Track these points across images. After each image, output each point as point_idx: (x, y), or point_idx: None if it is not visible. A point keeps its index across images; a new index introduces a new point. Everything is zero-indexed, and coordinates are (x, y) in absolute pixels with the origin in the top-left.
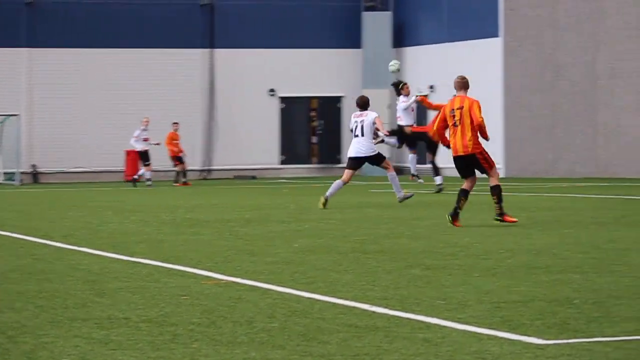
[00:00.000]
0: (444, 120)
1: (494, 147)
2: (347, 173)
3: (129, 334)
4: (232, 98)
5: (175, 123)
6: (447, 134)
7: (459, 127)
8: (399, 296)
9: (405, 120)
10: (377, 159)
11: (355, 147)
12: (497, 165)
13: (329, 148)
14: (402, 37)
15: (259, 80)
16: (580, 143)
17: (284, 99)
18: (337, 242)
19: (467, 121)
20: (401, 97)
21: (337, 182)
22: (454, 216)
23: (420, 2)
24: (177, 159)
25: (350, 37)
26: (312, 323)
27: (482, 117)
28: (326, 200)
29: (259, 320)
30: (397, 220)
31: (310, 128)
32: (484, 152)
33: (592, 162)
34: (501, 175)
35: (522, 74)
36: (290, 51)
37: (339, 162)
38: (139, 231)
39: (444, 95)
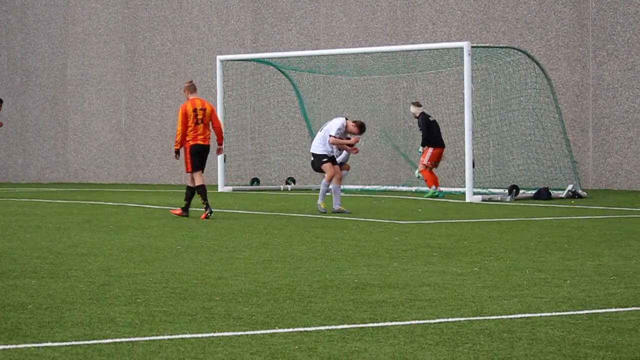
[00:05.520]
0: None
1: None
2: None
3: None
4: None
5: None
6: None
7: (201, 125)
8: None
9: None
10: None
11: None
12: None
13: None
14: None
15: None
16: (50, 148)
17: None
18: None
19: (208, 121)
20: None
21: None
22: (185, 209)
23: None
24: None
25: None
26: None
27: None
28: None
29: None
30: None
31: None
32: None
33: (62, 167)
34: None
35: None
36: None
37: None
38: None
39: None
